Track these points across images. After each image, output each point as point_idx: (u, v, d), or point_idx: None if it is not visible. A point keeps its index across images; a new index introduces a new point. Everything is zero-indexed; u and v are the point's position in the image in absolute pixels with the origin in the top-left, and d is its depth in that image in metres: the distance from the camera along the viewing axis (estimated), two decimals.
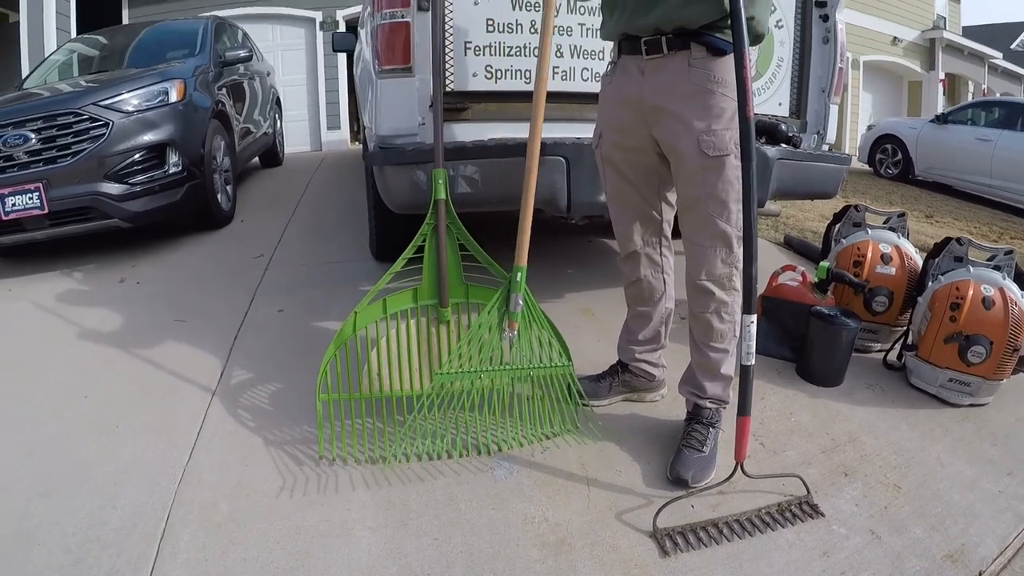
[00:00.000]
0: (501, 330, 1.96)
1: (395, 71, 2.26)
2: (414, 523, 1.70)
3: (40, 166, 3.59)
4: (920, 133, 9.27)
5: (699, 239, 1.81)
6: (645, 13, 1.72)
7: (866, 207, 2.93)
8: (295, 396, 2.27)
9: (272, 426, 2.11)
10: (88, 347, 2.72)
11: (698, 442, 1.88)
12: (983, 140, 8.39)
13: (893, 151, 9.72)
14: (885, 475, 1.97)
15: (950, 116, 9.23)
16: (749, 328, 1.64)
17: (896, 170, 9.65)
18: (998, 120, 8.59)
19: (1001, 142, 8.19)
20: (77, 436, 2.09)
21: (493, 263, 2.09)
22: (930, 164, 9.17)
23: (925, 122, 9.52)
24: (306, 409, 2.17)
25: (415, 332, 2.10)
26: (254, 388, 2.35)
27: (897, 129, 9.78)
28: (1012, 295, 2.33)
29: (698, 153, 1.72)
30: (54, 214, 3.62)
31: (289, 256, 3.91)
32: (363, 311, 2.03)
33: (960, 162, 8.66)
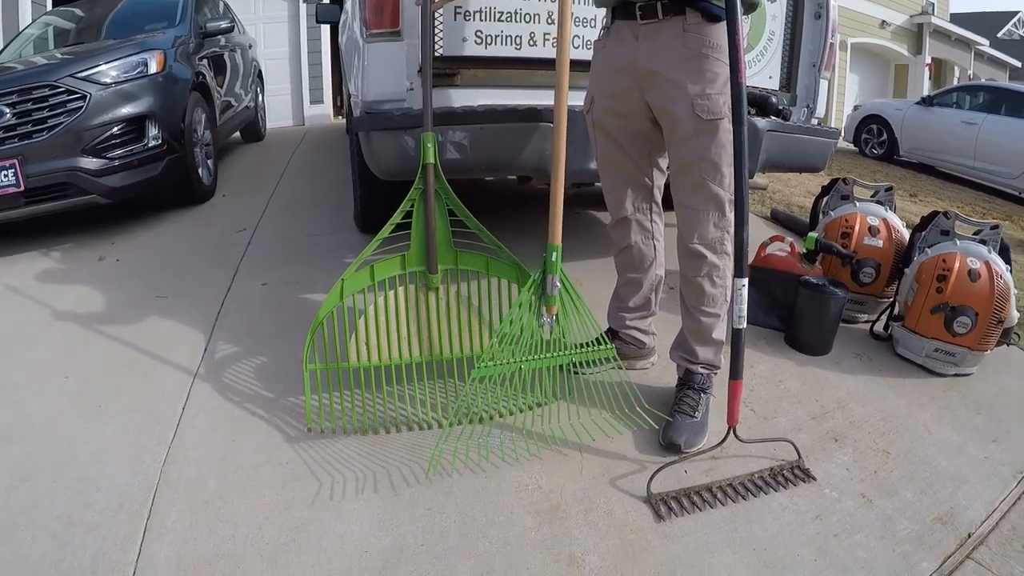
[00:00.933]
0: (539, 315, 1.90)
1: (383, 35, 2.22)
2: (406, 493, 1.69)
3: (15, 142, 3.47)
4: (906, 114, 9.33)
5: (691, 203, 1.81)
6: None
7: (855, 180, 2.95)
8: (280, 370, 2.25)
9: (258, 401, 2.08)
10: (68, 327, 2.66)
11: (690, 407, 1.88)
12: (968, 123, 8.46)
13: (878, 131, 9.78)
14: (874, 441, 1.99)
15: (936, 99, 9.30)
16: (741, 292, 1.64)
17: (881, 150, 9.71)
18: (983, 104, 8.67)
19: (986, 126, 8.27)
20: (58, 417, 2.04)
21: (483, 229, 2.06)
22: (915, 145, 9.24)
23: (911, 104, 9.59)
24: (292, 382, 2.15)
25: (403, 300, 2.06)
26: (238, 363, 2.31)
27: (883, 110, 9.84)
28: (997, 268, 2.36)
29: (692, 117, 1.72)
30: (30, 191, 3.51)
31: (272, 230, 3.86)
32: (350, 279, 1.98)
33: (945, 144, 8.74)
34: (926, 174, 8.91)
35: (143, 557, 1.50)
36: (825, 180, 3.46)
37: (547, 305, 1.89)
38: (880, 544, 1.60)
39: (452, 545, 1.54)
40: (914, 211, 5.61)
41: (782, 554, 1.55)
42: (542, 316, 1.89)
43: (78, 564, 1.48)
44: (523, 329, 1.85)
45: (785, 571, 1.51)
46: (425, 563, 1.49)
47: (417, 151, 2.03)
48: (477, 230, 2.06)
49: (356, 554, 1.51)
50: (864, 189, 2.99)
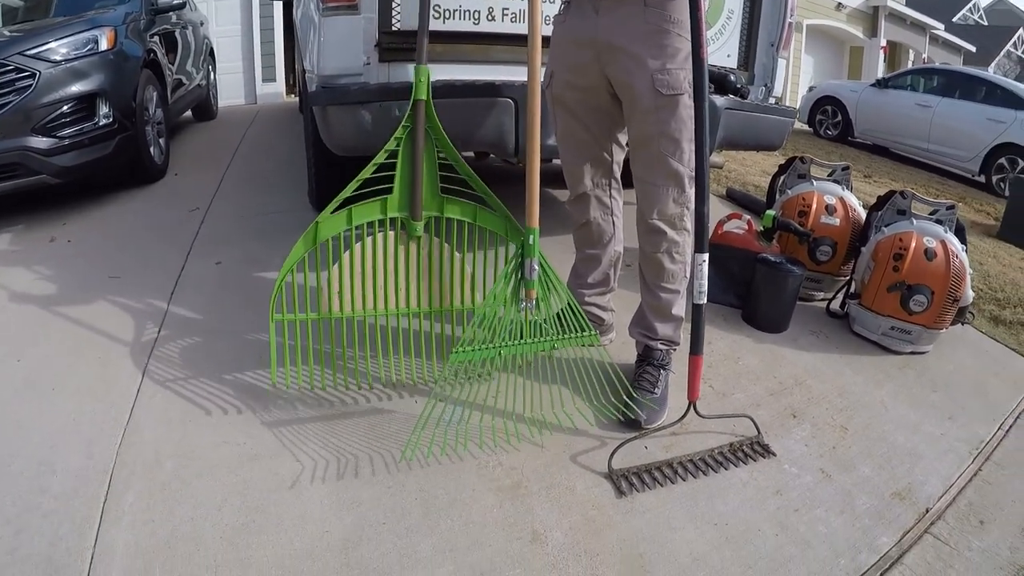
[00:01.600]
0: (518, 300, 1.84)
1: (340, 9, 2.17)
2: (366, 471, 1.68)
3: None
4: (860, 96, 9.49)
5: (651, 178, 1.81)
6: None
7: (812, 159, 2.99)
8: (236, 349, 2.21)
9: (214, 380, 2.04)
10: (19, 309, 2.57)
11: (650, 383, 1.90)
12: (923, 106, 8.63)
13: (833, 112, 9.93)
14: (832, 417, 2.03)
15: (890, 81, 9.47)
16: (701, 267, 1.66)
17: (835, 131, 9.88)
18: (937, 87, 8.84)
19: (940, 108, 8.45)
20: (10, 401, 1.97)
21: (474, 176, 1.96)
22: (869, 127, 9.40)
23: (866, 86, 9.75)
24: (248, 361, 2.12)
25: (382, 247, 1.95)
26: (194, 343, 2.27)
27: (838, 91, 9.98)
28: (953, 248, 2.42)
29: (652, 92, 1.72)
30: None
31: (225, 208, 3.79)
32: (325, 221, 1.86)
33: (899, 126, 8.90)
34: (880, 155, 9.09)
35: (101, 541, 1.46)
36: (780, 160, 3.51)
37: (526, 289, 1.84)
38: (840, 519, 1.64)
39: (414, 523, 1.54)
40: (869, 192, 5.72)
41: (743, 529, 1.57)
42: (521, 300, 1.84)
43: (35, 551, 1.44)
44: (503, 314, 1.80)
45: (747, 545, 1.53)
46: (387, 541, 1.49)
47: (373, 127, 1.99)
48: (467, 176, 1.95)
49: (317, 534, 1.50)
50: (821, 168, 3.03)
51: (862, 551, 1.55)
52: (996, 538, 1.64)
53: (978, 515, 1.71)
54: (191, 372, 2.09)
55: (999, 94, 8.05)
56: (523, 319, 1.83)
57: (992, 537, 1.65)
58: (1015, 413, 2.22)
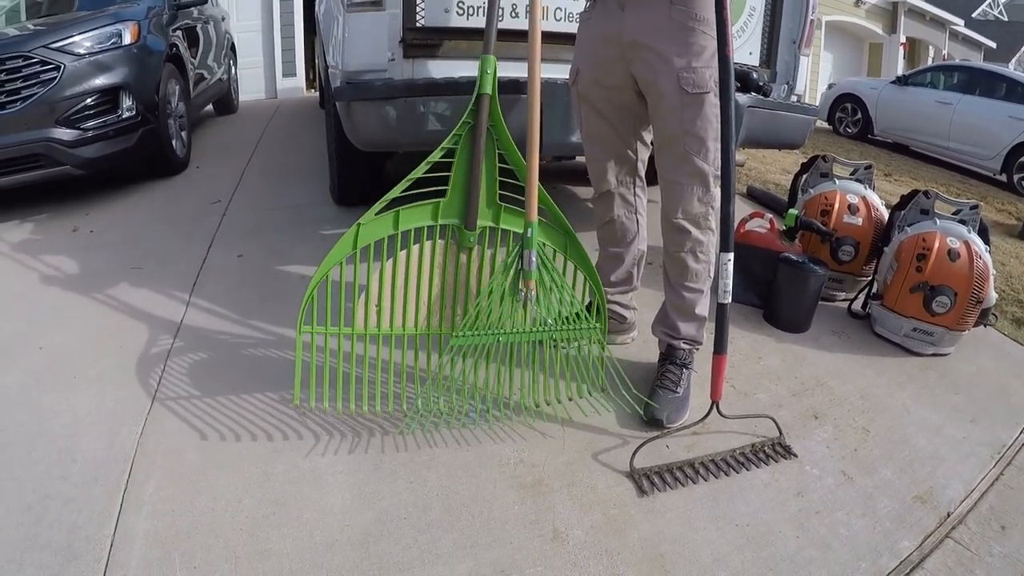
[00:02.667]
0: (517, 290, 1.77)
1: (364, 5, 2.16)
2: (388, 466, 1.67)
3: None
4: (880, 94, 9.38)
5: (676, 177, 1.79)
6: None
7: (834, 157, 2.95)
8: (259, 342, 2.21)
9: (236, 372, 2.04)
10: (42, 297, 2.60)
11: (672, 383, 1.88)
12: (943, 103, 8.52)
13: (853, 110, 9.83)
14: (854, 419, 2.00)
15: (911, 78, 9.36)
16: (726, 266, 1.64)
17: (855, 129, 9.77)
18: (958, 84, 8.72)
19: (961, 106, 8.33)
20: (32, 388, 1.98)
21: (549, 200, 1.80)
22: (889, 124, 9.29)
23: (886, 83, 9.64)
24: (270, 354, 2.12)
25: (429, 258, 1.79)
26: (215, 335, 2.27)
27: (858, 89, 9.87)
28: (976, 248, 2.37)
29: (677, 90, 1.70)
30: (4, 163, 3.45)
31: (247, 201, 3.80)
32: (368, 223, 1.68)
33: (919, 124, 8.79)
34: (900, 154, 8.97)
35: (120, 530, 1.46)
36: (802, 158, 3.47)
37: (525, 280, 1.77)
38: (861, 522, 1.61)
39: (435, 518, 1.53)
40: (889, 191, 5.65)
41: (764, 530, 1.55)
42: (520, 290, 1.77)
43: (54, 538, 1.44)
44: (502, 302, 1.76)
45: (768, 547, 1.51)
46: (407, 536, 1.48)
47: (397, 123, 1.97)
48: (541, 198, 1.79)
49: (338, 527, 1.49)
50: (843, 167, 2.99)
51: (883, 555, 1.52)
52: (1018, 543, 1.61)
53: (1000, 520, 1.68)
54: (213, 363, 2.09)
55: (1020, 91, 7.92)
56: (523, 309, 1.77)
57: (1014, 542, 1.61)
58: None
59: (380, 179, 3.41)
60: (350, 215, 3.40)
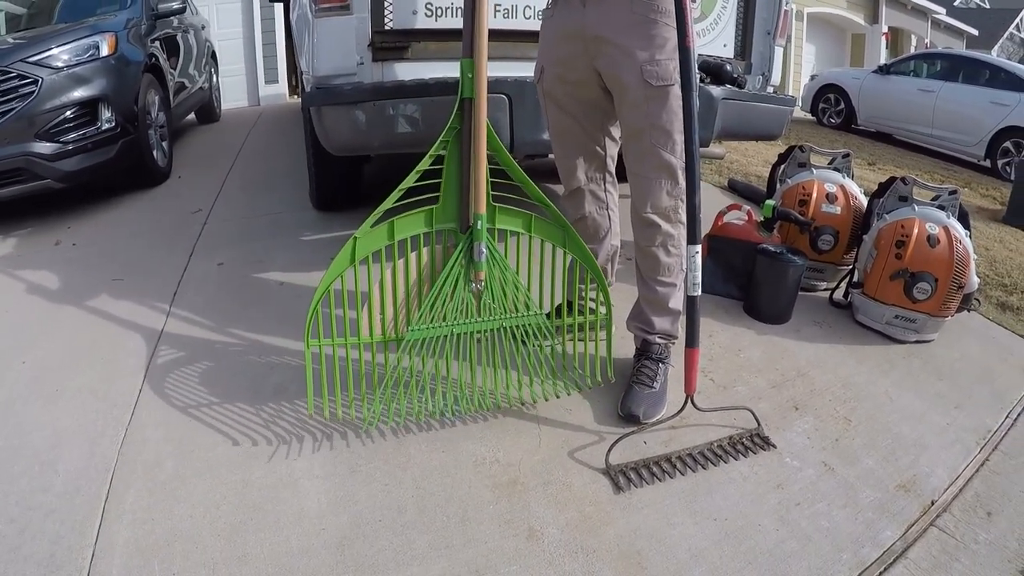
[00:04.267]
0: (468, 281, 1.78)
1: (332, 9, 2.17)
2: (364, 469, 1.67)
3: None
4: (863, 83, 9.41)
5: (643, 171, 1.79)
6: None
7: (812, 147, 2.95)
8: (236, 350, 2.21)
9: (215, 380, 2.04)
10: (24, 311, 2.59)
11: (648, 378, 1.87)
12: (925, 91, 8.55)
13: (836, 100, 9.85)
14: (835, 409, 2.00)
15: (893, 67, 9.39)
16: (694, 259, 1.62)
17: (839, 119, 9.81)
18: (940, 72, 8.76)
19: (943, 93, 8.36)
20: (14, 402, 1.98)
21: (529, 182, 1.79)
22: (872, 114, 9.32)
23: (868, 72, 9.67)
24: (249, 361, 2.12)
25: (429, 263, 1.80)
26: (196, 343, 2.26)
27: (840, 79, 9.91)
28: (956, 233, 2.36)
29: (641, 83, 1.69)
30: None
31: (228, 210, 3.80)
32: (364, 236, 1.69)
33: (902, 112, 8.83)
34: (884, 143, 9.01)
35: (101, 539, 1.47)
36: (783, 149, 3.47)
37: (475, 271, 1.77)
38: (843, 513, 1.60)
39: (410, 520, 1.53)
40: (872, 179, 5.63)
41: (743, 524, 1.55)
42: (471, 282, 1.78)
43: (37, 549, 1.45)
44: (453, 294, 1.76)
45: (747, 540, 1.50)
46: (383, 538, 1.48)
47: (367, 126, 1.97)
48: (522, 183, 1.79)
49: (314, 531, 1.49)
50: (822, 156, 2.99)
51: (865, 545, 1.52)
52: (1004, 530, 1.60)
53: (985, 507, 1.67)
54: (193, 372, 2.09)
55: (1003, 77, 7.96)
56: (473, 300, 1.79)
57: (999, 529, 1.60)
58: (1023, 402, 2.16)
59: (358, 183, 3.41)
60: (329, 220, 3.43)
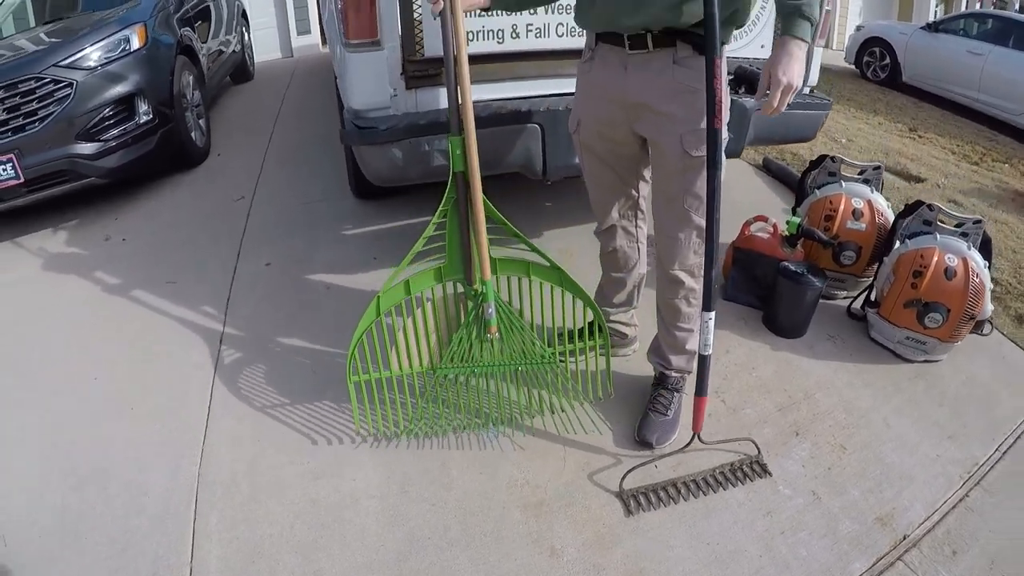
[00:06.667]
0: (484, 335, 2.10)
1: (363, 45, 2.34)
2: (414, 490, 1.99)
3: (9, 136, 3.60)
4: (910, 40, 9.30)
5: (675, 232, 1.96)
6: (632, 14, 1.73)
7: (842, 159, 3.06)
8: (292, 364, 2.52)
9: (274, 398, 2.36)
10: (85, 319, 2.89)
11: (663, 407, 2.16)
12: (974, 53, 8.43)
13: (881, 55, 9.75)
14: (833, 435, 2.23)
15: (942, 24, 9.27)
16: (708, 323, 1.86)
17: (883, 74, 9.71)
18: (991, 34, 8.59)
19: (992, 57, 8.24)
20: (97, 421, 2.31)
21: (520, 234, 2.09)
22: (918, 72, 9.24)
23: (916, 28, 9.54)
24: (304, 377, 2.44)
25: (441, 310, 2.18)
26: (253, 355, 2.58)
27: (887, 33, 9.78)
28: (974, 266, 2.50)
29: (680, 152, 1.83)
30: (30, 181, 3.68)
31: (269, 196, 4.05)
32: (385, 295, 2.07)
33: (949, 73, 8.73)
34: (929, 102, 8.94)
35: (196, 558, 1.81)
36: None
37: (488, 326, 2.09)
38: (821, 543, 1.84)
39: (454, 537, 1.86)
40: (911, 152, 5.74)
41: (732, 549, 1.83)
42: (487, 335, 2.10)
43: (141, 567, 1.79)
44: (471, 346, 2.11)
45: (731, 565, 1.79)
46: (432, 554, 1.81)
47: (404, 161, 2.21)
48: (515, 235, 2.08)
49: (375, 547, 1.83)
50: (851, 168, 3.09)
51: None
52: (964, 568, 1.78)
53: (953, 544, 1.85)
54: (253, 388, 2.41)
55: None
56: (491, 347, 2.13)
57: (960, 568, 1.78)
58: (1017, 432, 2.30)
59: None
60: (367, 210, 3.70)
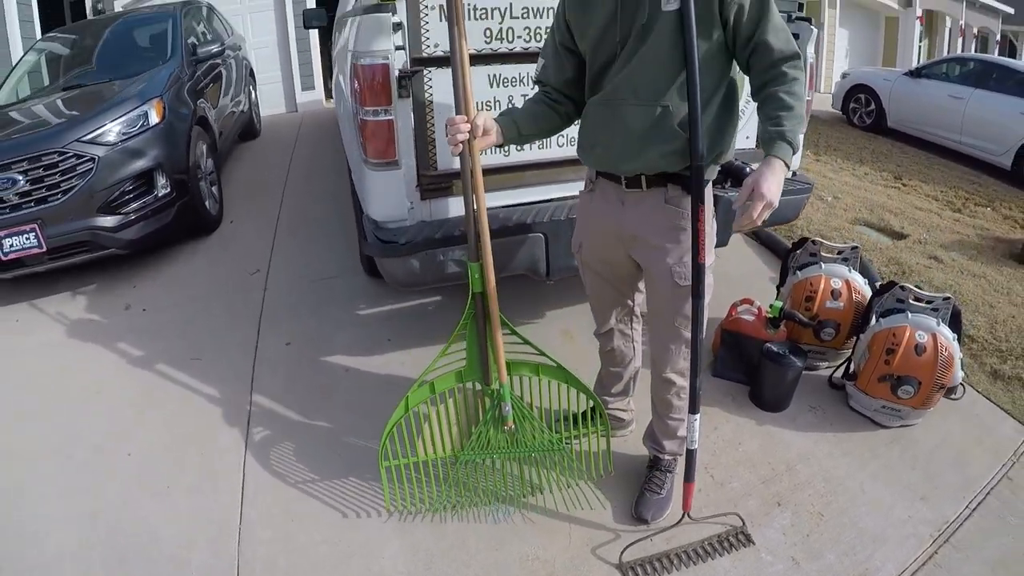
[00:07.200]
0: (501, 428, 2.41)
1: (383, 164, 2.63)
2: (437, 566, 2.23)
3: (32, 206, 3.84)
4: (893, 86, 9.72)
5: (666, 343, 2.23)
6: (630, 160, 1.99)
7: (822, 242, 3.35)
8: (317, 444, 2.75)
9: (304, 475, 2.59)
10: (114, 392, 3.11)
11: (657, 486, 2.42)
12: (955, 97, 8.81)
13: (867, 101, 10.19)
14: (812, 503, 2.48)
15: (924, 70, 9.66)
16: (694, 423, 2.14)
17: (869, 120, 10.14)
18: (972, 76, 8.97)
19: (973, 100, 8.61)
20: (133, 498, 2.52)
21: (529, 342, 2.41)
22: (902, 117, 9.63)
23: (899, 74, 9.96)
24: (329, 458, 2.67)
25: (463, 405, 2.48)
26: (280, 437, 2.80)
27: (871, 80, 10.22)
28: (943, 340, 2.78)
29: (671, 282, 2.09)
30: (53, 250, 3.90)
31: (284, 270, 4.29)
32: (413, 394, 2.39)
33: (932, 117, 9.12)
34: (915, 146, 9.27)
35: None
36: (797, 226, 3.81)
37: (505, 421, 2.39)
38: None
39: None
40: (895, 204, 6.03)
41: None
42: (503, 429, 2.41)
43: None
44: (490, 439, 2.42)
45: None
46: None
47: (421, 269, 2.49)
48: (527, 343, 2.40)
49: None
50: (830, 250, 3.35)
51: None
52: None
53: None
54: (283, 468, 2.64)
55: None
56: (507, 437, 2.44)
57: None
58: (986, 489, 2.55)
59: None
60: (379, 288, 3.93)
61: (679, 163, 1.95)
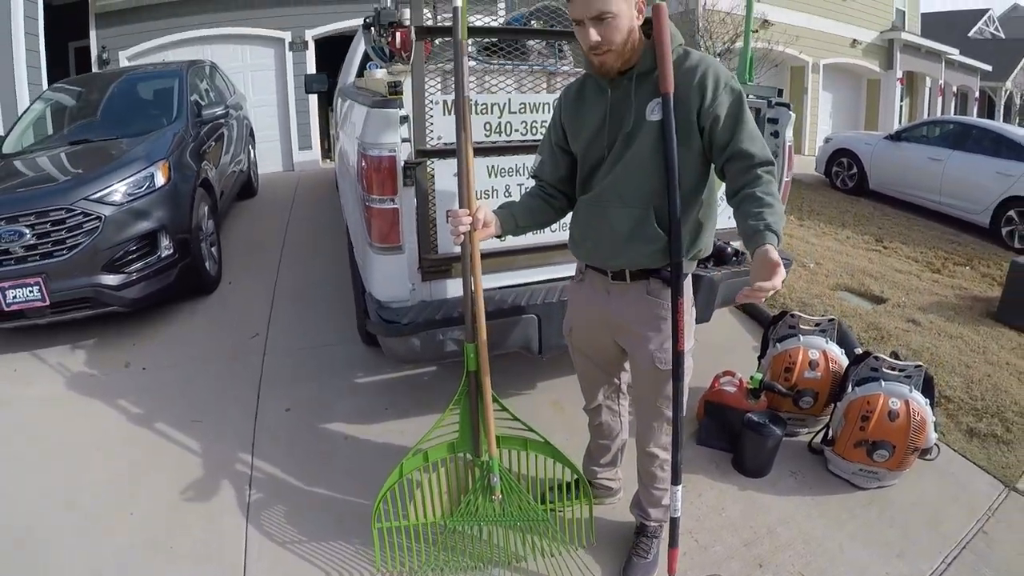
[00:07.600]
0: (490, 497, 2.54)
1: (387, 249, 2.80)
2: None
3: (38, 260, 3.95)
4: (874, 150, 10.10)
5: (650, 421, 2.40)
6: (616, 257, 2.16)
7: (800, 316, 3.53)
8: (317, 510, 2.85)
9: (305, 543, 2.67)
10: (115, 451, 3.19)
11: (644, 551, 2.55)
12: (934, 160, 9.15)
13: (849, 165, 10.56)
14: (793, 564, 2.59)
15: (904, 133, 10.03)
16: (676, 493, 2.29)
17: (851, 183, 10.50)
18: (950, 138, 9.32)
19: (952, 161, 8.96)
20: (139, 559, 2.59)
21: (518, 419, 2.58)
22: (884, 180, 9.98)
23: (880, 138, 10.34)
24: (328, 524, 2.76)
25: (454, 474, 2.64)
26: (280, 502, 2.89)
27: (853, 144, 10.61)
28: (916, 405, 2.95)
29: (653, 367, 2.23)
30: (55, 304, 4.01)
31: (283, 335, 4.41)
32: (407, 462, 2.53)
33: (912, 179, 9.47)
34: (896, 207, 9.60)
35: None
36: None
37: (493, 491, 2.53)
38: None
39: None
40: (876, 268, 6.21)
41: None
42: (492, 498, 2.54)
43: None
44: (479, 507, 2.55)
45: None
46: None
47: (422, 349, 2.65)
48: (516, 419, 2.57)
49: None
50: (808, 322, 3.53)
51: None
52: None
53: None
54: (285, 534, 2.72)
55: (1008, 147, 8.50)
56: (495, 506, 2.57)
57: None
58: (962, 543, 2.70)
59: None
60: (377, 356, 4.02)
61: (660, 261, 2.11)
